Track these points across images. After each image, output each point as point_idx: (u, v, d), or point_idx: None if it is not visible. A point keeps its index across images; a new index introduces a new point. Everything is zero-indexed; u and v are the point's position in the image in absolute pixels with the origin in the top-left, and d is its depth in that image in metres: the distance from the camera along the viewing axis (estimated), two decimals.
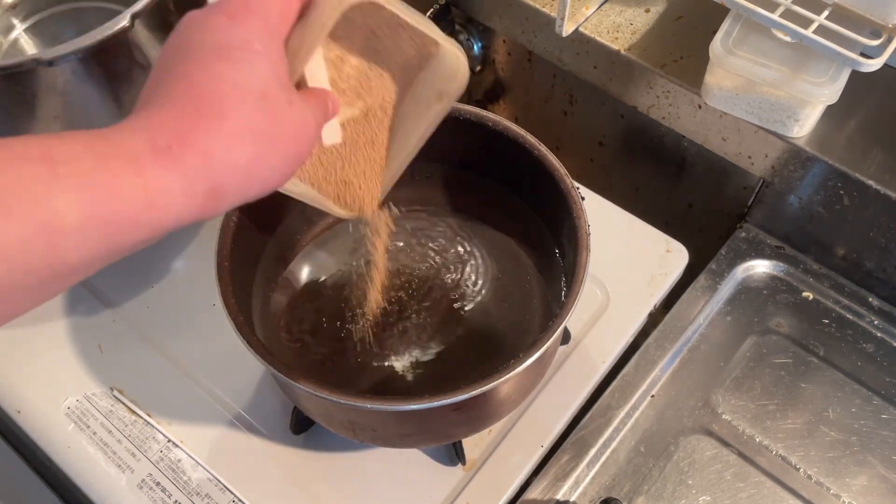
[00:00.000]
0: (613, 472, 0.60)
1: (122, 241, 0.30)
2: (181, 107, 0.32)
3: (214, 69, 0.33)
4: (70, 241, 0.29)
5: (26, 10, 0.71)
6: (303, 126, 0.35)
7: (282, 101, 0.34)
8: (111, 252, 0.31)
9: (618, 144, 0.82)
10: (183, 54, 0.33)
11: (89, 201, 0.29)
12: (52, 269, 0.29)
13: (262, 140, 0.33)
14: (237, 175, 0.33)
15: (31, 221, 0.27)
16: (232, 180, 0.32)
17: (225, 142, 0.32)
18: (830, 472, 0.59)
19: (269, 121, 0.33)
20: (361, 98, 0.45)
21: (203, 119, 0.32)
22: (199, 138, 0.31)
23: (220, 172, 0.32)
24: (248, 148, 0.32)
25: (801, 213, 0.69)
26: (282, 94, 0.34)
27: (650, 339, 0.66)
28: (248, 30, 0.34)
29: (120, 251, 0.31)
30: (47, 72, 0.53)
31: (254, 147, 0.33)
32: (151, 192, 0.30)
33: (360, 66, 0.43)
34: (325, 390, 0.44)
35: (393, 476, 0.58)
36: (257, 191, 0.34)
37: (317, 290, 0.58)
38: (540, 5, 0.74)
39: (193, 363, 0.63)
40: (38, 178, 0.28)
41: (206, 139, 0.31)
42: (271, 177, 0.34)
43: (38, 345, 0.64)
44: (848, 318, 0.67)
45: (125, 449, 0.59)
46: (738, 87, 0.63)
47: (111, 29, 0.53)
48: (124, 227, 0.30)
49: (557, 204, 0.53)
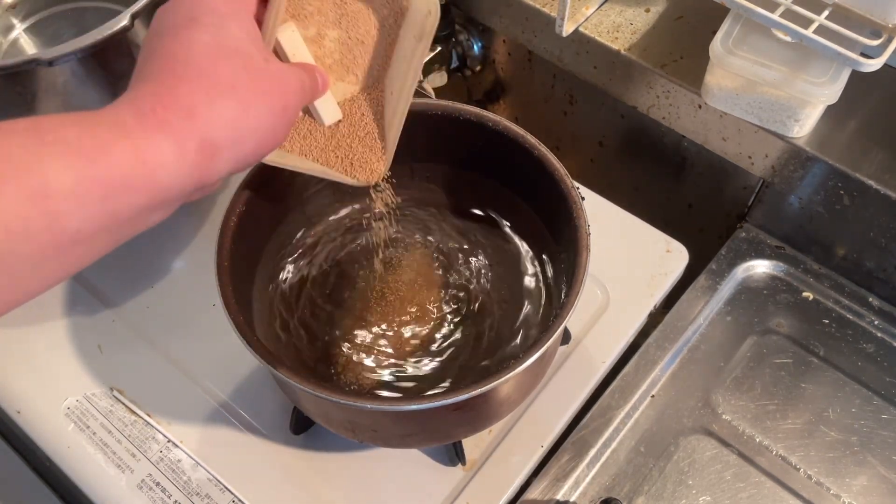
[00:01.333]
0: (613, 472, 0.60)
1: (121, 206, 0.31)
2: (160, 76, 0.33)
3: (186, 37, 0.34)
4: (65, 205, 0.29)
5: (26, 10, 0.71)
6: (284, 79, 0.36)
7: (257, 57, 0.35)
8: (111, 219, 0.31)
9: (618, 144, 0.82)
10: (158, 34, 0.35)
11: (79, 165, 0.29)
12: (51, 235, 0.29)
13: (244, 92, 0.34)
14: (225, 129, 0.33)
15: (24, 188, 0.28)
16: (221, 134, 0.33)
17: (206, 97, 0.33)
18: (830, 472, 0.59)
19: (248, 74, 0.34)
20: (350, 71, 0.46)
21: (182, 81, 0.33)
22: (181, 98, 0.32)
23: (208, 127, 0.33)
24: (230, 101, 0.33)
25: (801, 213, 0.69)
26: (256, 52, 0.35)
27: (650, 339, 0.66)
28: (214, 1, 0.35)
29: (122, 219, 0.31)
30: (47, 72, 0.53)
31: (236, 99, 0.33)
32: (141, 151, 0.31)
33: (340, 39, 0.44)
34: (325, 390, 0.44)
35: (393, 476, 0.58)
36: (252, 146, 0.35)
37: (317, 290, 0.58)
38: (540, 5, 0.74)
39: (193, 363, 0.63)
40: (27, 147, 0.28)
41: (188, 97, 0.32)
42: (261, 130, 0.35)
43: (38, 345, 0.64)
44: (848, 318, 0.67)
45: (125, 449, 0.59)
46: (738, 87, 0.63)
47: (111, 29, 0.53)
48: (119, 189, 0.30)
49: (557, 204, 0.53)
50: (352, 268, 0.59)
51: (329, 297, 0.58)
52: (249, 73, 0.34)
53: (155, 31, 0.35)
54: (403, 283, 0.58)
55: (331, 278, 0.59)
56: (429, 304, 0.58)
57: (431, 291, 0.58)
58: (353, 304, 0.58)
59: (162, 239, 0.69)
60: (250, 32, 0.36)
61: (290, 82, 0.37)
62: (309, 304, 0.58)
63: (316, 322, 0.57)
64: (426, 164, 0.61)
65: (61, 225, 0.29)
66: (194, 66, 0.33)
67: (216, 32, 0.34)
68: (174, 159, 0.32)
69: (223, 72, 0.33)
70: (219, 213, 0.50)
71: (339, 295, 0.58)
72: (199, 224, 0.71)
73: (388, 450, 0.59)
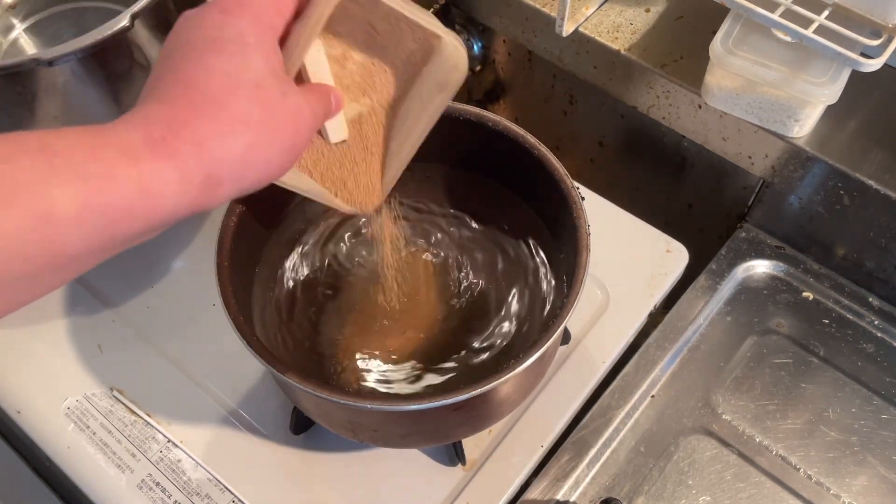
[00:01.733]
0: (613, 472, 0.60)
1: (119, 232, 0.31)
2: (175, 100, 0.32)
3: (207, 63, 0.33)
4: (67, 230, 0.29)
5: (26, 10, 0.71)
6: (299, 116, 0.36)
7: (275, 91, 0.34)
8: (109, 243, 0.31)
9: (618, 144, 0.82)
10: (178, 52, 0.34)
11: (85, 191, 0.29)
12: (50, 258, 0.29)
13: (257, 129, 0.33)
14: (232, 164, 0.33)
15: (29, 211, 0.28)
16: (227, 169, 0.33)
17: (219, 131, 0.32)
18: (830, 472, 0.59)
19: (263, 110, 0.34)
20: (366, 94, 0.45)
21: (197, 110, 0.32)
22: (193, 129, 0.32)
23: (215, 162, 0.32)
24: (242, 137, 0.33)
25: (801, 213, 0.69)
26: (276, 85, 0.34)
27: (650, 339, 0.66)
28: (241, 24, 0.34)
29: (117, 242, 0.31)
30: (47, 72, 0.53)
31: (248, 136, 0.33)
32: (146, 181, 0.30)
33: (363, 63, 0.44)
34: (325, 390, 0.44)
35: (393, 476, 0.58)
36: (253, 180, 0.34)
37: (317, 291, 0.58)
38: (540, 5, 0.74)
39: (193, 363, 0.63)
40: (36, 169, 0.28)
41: (200, 129, 0.32)
42: (267, 166, 0.35)
43: (38, 345, 0.64)
44: (848, 318, 0.67)
45: (125, 449, 0.59)
46: (738, 87, 0.63)
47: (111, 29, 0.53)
48: (120, 217, 0.30)
49: (557, 204, 0.53)
50: (352, 268, 0.59)
51: (329, 297, 0.58)
52: (265, 108, 0.34)
53: (175, 46, 0.34)
54: (404, 283, 0.58)
55: (331, 278, 0.59)
56: (429, 303, 0.58)
57: (431, 291, 0.58)
58: (353, 304, 0.58)
59: (162, 239, 0.69)
60: (271, 63, 0.35)
61: (305, 117, 0.36)
62: (309, 303, 0.58)
63: (316, 322, 0.57)
64: (426, 164, 0.61)
65: (60, 248, 0.29)
66: (210, 96, 0.32)
67: (238, 63, 0.33)
68: (177, 190, 0.31)
69: (238, 105, 0.33)
70: (219, 213, 0.50)
71: (338, 295, 0.58)
72: (199, 224, 0.71)
73: (388, 450, 0.59)
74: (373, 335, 0.56)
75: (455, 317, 0.57)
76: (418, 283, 0.59)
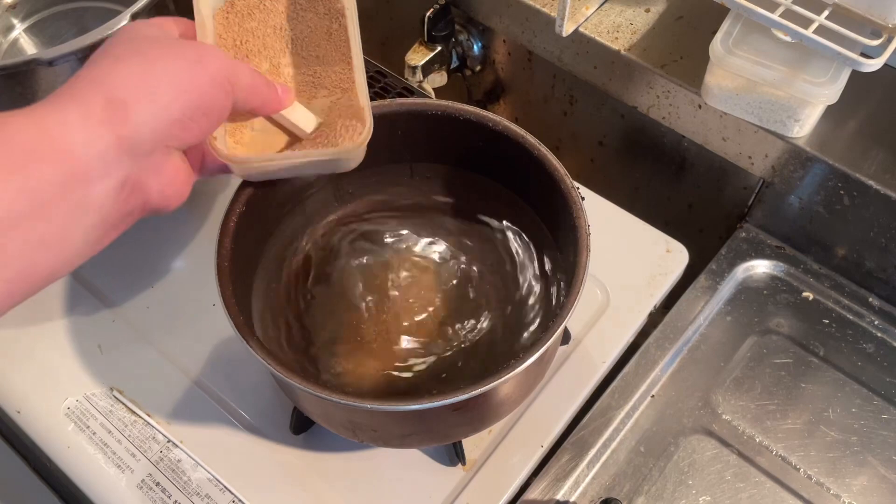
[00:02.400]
0: (613, 472, 0.60)
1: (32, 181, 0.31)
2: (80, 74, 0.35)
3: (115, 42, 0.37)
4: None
5: (26, 10, 0.71)
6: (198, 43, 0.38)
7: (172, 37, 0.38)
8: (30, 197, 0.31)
9: (618, 144, 0.82)
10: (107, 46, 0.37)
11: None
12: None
13: (150, 53, 0.35)
14: (130, 83, 0.34)
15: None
16: (127, 89, 0.33)
17: (112, 65, 0.34)
18: (830, 472, 0.59)
19: (158, 44, 0.36)
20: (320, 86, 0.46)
21: (93, 63, 0.35)
22: (89, 73, 0.34)
23: (111, 85, 0.33)
24: (134, 60, 0.35)
25: (801, 213, 0.69)
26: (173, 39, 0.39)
27: (650, 339, 0.66)
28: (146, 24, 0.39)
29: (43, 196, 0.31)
30: (47, 72, 0.53)
31: (140, 59, 0.35)
32: (44, 122, 0.32)
33: (294, 63, 0.46)
34: (326, 390, 0.44)
35: (393, 476, 0.58)
36: (171, 94, 0.35)
37: (317, 290, 0.58)
38: (540, 5, 0.73)
39: (193, 363, 0.63)
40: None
41: (95, 71, 0.34)
42: (176, 78, 0.35)
43: (38, 345, 0.64)
44: (848, 318, 0.67)
45: (125, 449, 0.59)
46: (738, 87, 0.63)
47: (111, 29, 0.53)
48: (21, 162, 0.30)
49: (557, 204, 0.53)
50: (352, 268, 0.59)
51: (329, 297, 0.58)
52: (161, 43, 0.36)
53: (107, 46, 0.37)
54: (403, 283, 0.58)
55: (331, 278, 0.59)
56: (429, 303, 0.58)
57: (431, 291, 0.58)
58: (354, 304, 0.58)
59: (162, 239, 0.69)
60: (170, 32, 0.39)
61: (207, 46, 0.38)
62: (309, 303, 0.58)
63: (316, 322, 0.57)
64: (426, 164, 0.61)
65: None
66: (110, 52, 0.35)
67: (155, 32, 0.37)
68: (78, 120, 0.32)
69: (133, 46, 0.35)
70: (219, 213, 0.50)
71: (339, 295, 0.58)
72: (199, 224, 0.71)
73: (388, 450, 0.59)
74: (372, 336, 0.56)
75: (454, 316, 0.57)
76: (418, 284, 0.59)
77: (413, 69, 0.83)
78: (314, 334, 0.56)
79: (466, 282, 0.59)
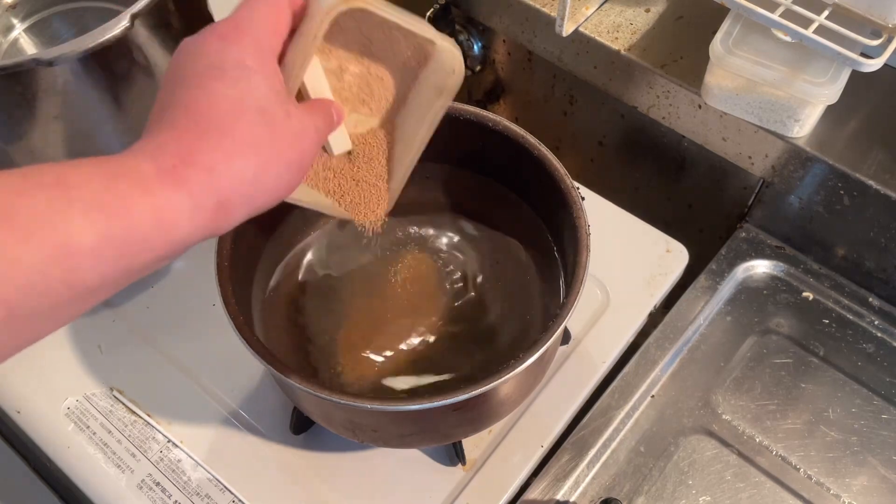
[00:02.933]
0: (613, 472, 0.60)
1: (136, 261, 0.31)
2: (182, 128, 0.33)
3: (211, 89, 0.34)
4: (85, 262, 0.29)
5: (26, 10, 0.71)
6: (303, 134, 0.36)
7: (279, 113, 0.35)
8: (124, 273, 0.31)
9: (618, 144, 0.82)
10: (181, 80, 0.34)
11: (103, 223, 0.29)
12: (68, 290, 0.29)
13: (264, 152, 0.34)
14: (243, 188, 0.33)
15: (48, 244, 0.28)
16: (238, 193, 0.33)
17: (227, 157, 0.33)
18: (830, 472, 0.59)
19: (269, 133, 0.34)
20: (366, 104, 0.45)
21: (204, 137, 0.33)
22: (202, 156, 0.32)
23: (226, 187, 0.33)
24: (250, 161, 0.33)
25: (801, 213, 0.69)
26: (279, 107, 0.35)
27: (650, 339, 0.66)
28: (241, 49, 0.35)
29: (133, 272, 0.32)
30: (47, 72, 0.53)
31: (256, 159, 0.34)
32: (160, 211, 0.31)
33: (360, 73, 0.44)
34: (326, 391, 0.44)
35: (393, 476, 0.58)
36: (264, 201, 0.35)
37: (317, 290, 0.58)
38: (540, 5, 0.73)
39: (193, 363, 0.63)
40: (53, 202, 0.29)
41: (209, 156, 0.32)
42: (276, 186, 0.35)
43: (38, 345, 0.63)
44: (848, 318, 0.67)
45: (125, 449, 0.59)
46: (738, 87, 0.63)
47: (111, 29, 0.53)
48: (137, 247, 0.31)
49: (557, 204, 0.53)
50: (352, 268, 0.59)
51: (329, 297, 0.58)
52: (270, 130, 0.34)
53: (176, 74, 0.35)
54: (403, 283, 0.58)
55: (331, 278, 0.59)
56: (429, 303, 0.58)
57: (431, 291, 0.58)
58: (354, 304, 0.58)
59: None
60: (274, 85, 0.35)
61: (309, 134, 0.37)
62: (309, 303, 0.58)
63: (316, 322, 0.57)
64: (426, 164, 0.60)
65: (80, 280, 0.29)
66: (216, 123, 0.33)
67: (241, 87, 0.34)
68: (190, 217, 0.32)
69: (244, 130, 0.33)
70: None
71: (339, 295, 0.58)
72: None
73: (388, 450, 0.59)
74: (372, 335, 0.56)
75: (454, 316, 0.57)
76: (418, 284, 0.59)
77: None
78: (314, 334, 0.56)
79: (466, 281, 0.59)
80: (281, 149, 0.35)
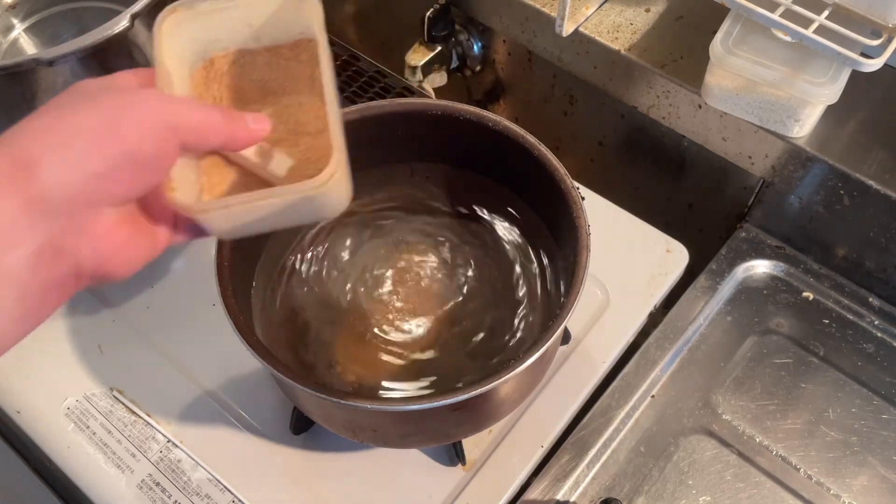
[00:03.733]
0: (613, 472, 0.60)
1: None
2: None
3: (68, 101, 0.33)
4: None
5: (26, 10, 0.71)
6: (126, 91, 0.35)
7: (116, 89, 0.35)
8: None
9: (618, 144, 0.82)
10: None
11: None
12: None
13: (74, 106, 0.32)
14: (37, 138, 0.30)
15: None
16: (34, 144, 0.30)
17: (25, 121, 0.31)
18: (830, 472, 0.59)
19: (89, 98, 0.32)
20: (300, 132, 0.44)
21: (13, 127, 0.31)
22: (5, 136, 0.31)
23: (16, 141, 0.30)
24: (43, 116, 0.31)
25: (801, 213, 0.69)
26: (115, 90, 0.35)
27: (650, 339, 0.66)
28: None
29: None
30: (47, 72, 0.53)
31: (50, 113, 0.31)
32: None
33: (274, 112, 0.43)
34: (326, 391, 0.45)
35: (393, 476, 0.58)
36: (86, 143, 0.31)
37: (317, 290, 0.58)
38: (540, 5, 0.73)
39: (193, 363, 0.63)
40: None
41: (8, 131, 0.31)
42: (91, 126, 0.31)
43: (38, 345, 0.64)
44: (848, 318, 0.67)
45: (125, 449, 0.59)
46: (739, 87, 0.63)
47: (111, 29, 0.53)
48: None
49: (557, 204, 0.53)
50: (352, 267, 0.59)
51: (329, 297, 0.58)
52: (94, 95, 0.33)
53: None
54: (403, 283, 0.58)
55: (331, 278, 0.59)
56: (429, 303, 0.58)
57: (431, 291, 0.58)
58: (354, 304, 0.58)
59: None
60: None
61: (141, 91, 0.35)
62: (309, 303, 0.58)
63: (316, 322, 0.57)
64: (426, 164, 0.61)
65: None
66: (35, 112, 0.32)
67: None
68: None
69: (60, 101, 0.32)
70: None
71: (339, 294, 0.58)
72: None
73: (388, 450, 0.59)
74: (372, 335, 0.56)
75: (454, 316, 0.57)
76: (418, 283, 0.59)
77: (413, 69, 0.83)
78: (314, 334, 0.56)
79: (466, 281, 0.59)
80: (98, 98, 0.32)
